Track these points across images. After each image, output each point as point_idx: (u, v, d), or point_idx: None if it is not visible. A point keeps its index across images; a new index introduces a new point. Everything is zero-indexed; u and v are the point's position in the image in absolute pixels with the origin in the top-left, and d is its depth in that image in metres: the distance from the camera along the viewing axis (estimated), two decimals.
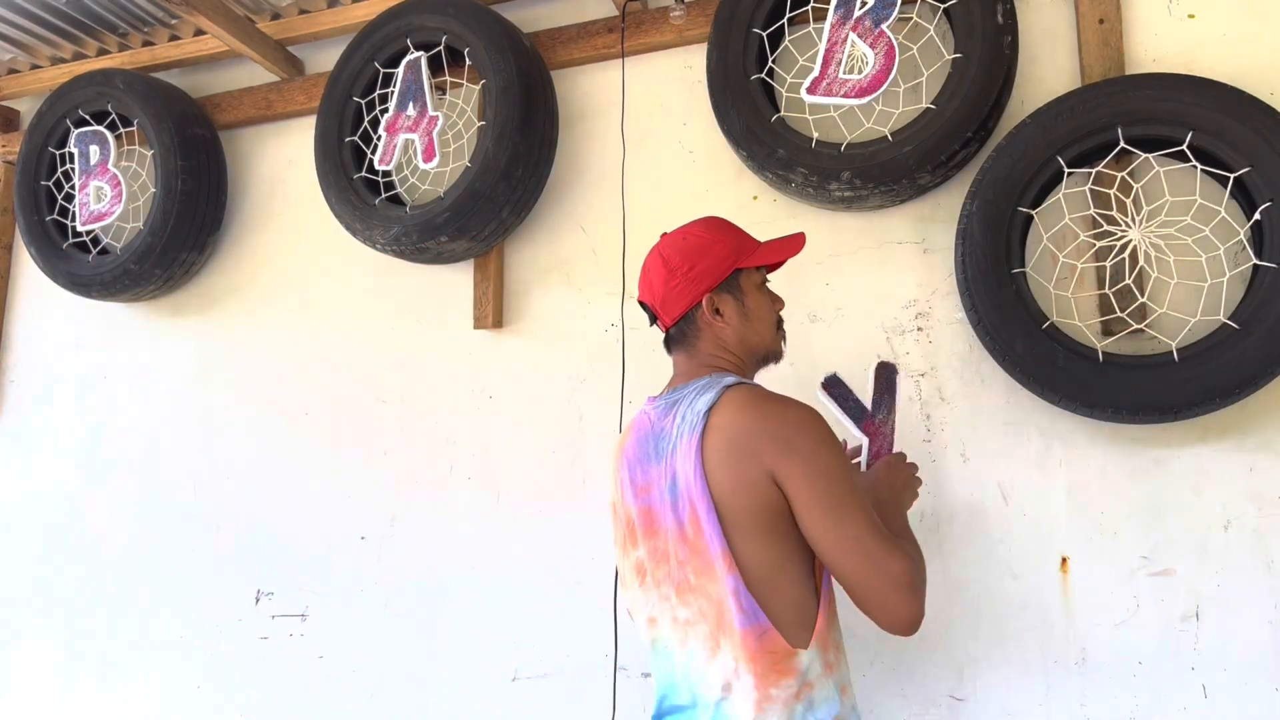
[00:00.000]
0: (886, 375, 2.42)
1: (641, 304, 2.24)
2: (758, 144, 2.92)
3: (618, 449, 2.18)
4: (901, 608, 1.79)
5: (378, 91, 3.47)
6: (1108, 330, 2.60)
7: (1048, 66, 2.88)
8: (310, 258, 3.70)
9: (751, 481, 1.88)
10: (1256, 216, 2.44)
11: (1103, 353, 2.48)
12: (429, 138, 3.34)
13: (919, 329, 2.87)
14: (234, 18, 3.56)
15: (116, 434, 3.88)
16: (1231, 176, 2.47)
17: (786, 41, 3.09)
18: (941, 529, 2.76)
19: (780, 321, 2.22)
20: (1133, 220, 2.61)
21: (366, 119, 3.47)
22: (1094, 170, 2.63)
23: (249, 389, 3.70)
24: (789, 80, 3.05)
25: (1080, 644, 2.60)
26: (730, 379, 2.02)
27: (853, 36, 2.85)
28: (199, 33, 3.89)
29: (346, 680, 3.34)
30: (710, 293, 2.11)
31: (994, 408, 2.77)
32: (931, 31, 2.90)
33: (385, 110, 3.44)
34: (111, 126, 3.86)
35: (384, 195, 3.39)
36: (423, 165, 3.34)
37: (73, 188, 3.90)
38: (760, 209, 3.11)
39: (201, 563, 3.63)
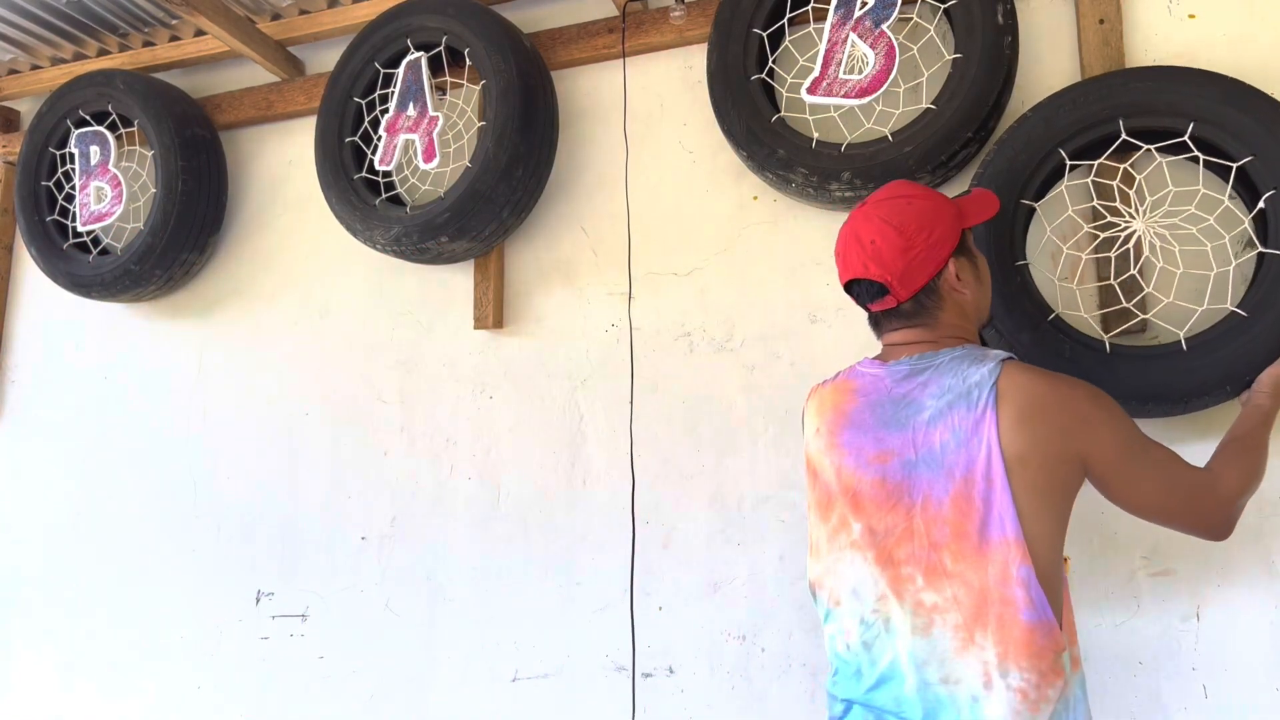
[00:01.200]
0: None
1: (855, 282, 2.07)
2: (758, 144, 2.92)
3: (828, 407, 2.06)
4: (1222, 521, 1.97)
5: (378, 92, 3.47)
6: (1111, 322, 2.59)
7: (1048, 66, 2.88)
8: (310, 258, 3.70)
9: (1052, 456, 1.81)
10: (1261, 205, 2.42)
11: (1110, 344, 2.45)
12: (429, 138, 3.34)
13: None
14: (234, 18, 3.56)
15: (117, 435, 3.88)
16: (1234, 166, 2.43)
17: (787, 42, 3.09)
18: None
19: None
20: (1136, 211, 2.60)
21: (367, 119, 3.47)
22: (1096, 163, 2.61)
23: (249, 389, 3.70)
24: (789, 80, 3.05)
25: (1081, 644, 2.57)
26: (997, 352, 1.93)
27: (853, 37, 2.85)
28: (199, 33, 3.89)
29: (347, 681, 3.34)
30: (952, 258, 2.01)
31: None
32: (932, 32, 2.90)
33: (385, 110, 3.44)
34: (112, 127, 3.86)
35: (384, 196, 3.39)
36: (423, 165, 3.34)
37: (73, 188, 3.90)
38: (761, 209, 3.11)
39: (202, 563, 3.63)
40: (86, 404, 3.96)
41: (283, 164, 3.84)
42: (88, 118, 3.88)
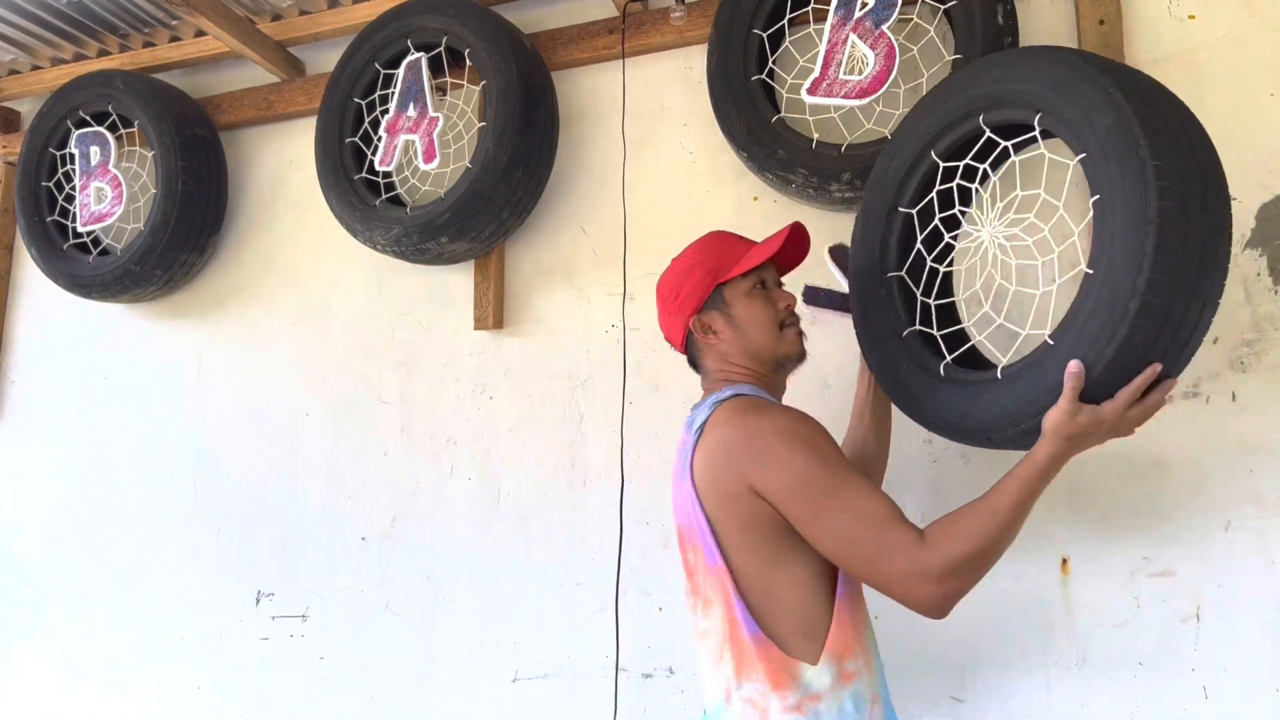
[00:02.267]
0: (842, 254, 2.49)
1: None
2: (758, 145, 2.92)
3: None
4: (922, 595, 1.77)
5: (378, 92, 3.48)
6: (954, 344, 2.23)
7: None
8: (311, 259, 3.70)
9: (734, 494, 1.92)
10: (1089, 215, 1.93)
11: (944, 368, 2.12)
12: (429, 138, 3.34)
13: None
14: (234, 18, 3.56)
15: (117, 435, 3.88)
16: (1070, 165, 2.01)
17: (787, 42, 3.09)
18: None
19: (787, 321, 2.21)
20: (986, 218, 2.28)
21: (367, 120, 3.48)
22: (962, 164, 2.24)
23: (250, 390, 3.71)
24: (789, 81, 3.05)
25: (1081, 645, 2.60)
26: (729, 391, 2.07)
27: (853, 37, 2.85)
28: (199, 33, 3.89)
29: (347, 681, 3.34)
30: (696, 315, 2.19)
31: None
32: (932, 32, 2.90)
33: (386, 111, 3.45)
34: (112, 127, 3.87)
35: (384, 196, 3.39)
36: (423, 166, 3.34)
37: (73, 188, 3.90)
38: (761, 210, 3.12)
39: (202, 563, 3.63)
40: (86, 404, 3.97)
41: (283, 164, 3.85)
42: (88, 118, 3.88)
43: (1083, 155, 1.87)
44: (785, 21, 3.02)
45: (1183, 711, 2.50)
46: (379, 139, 3.43)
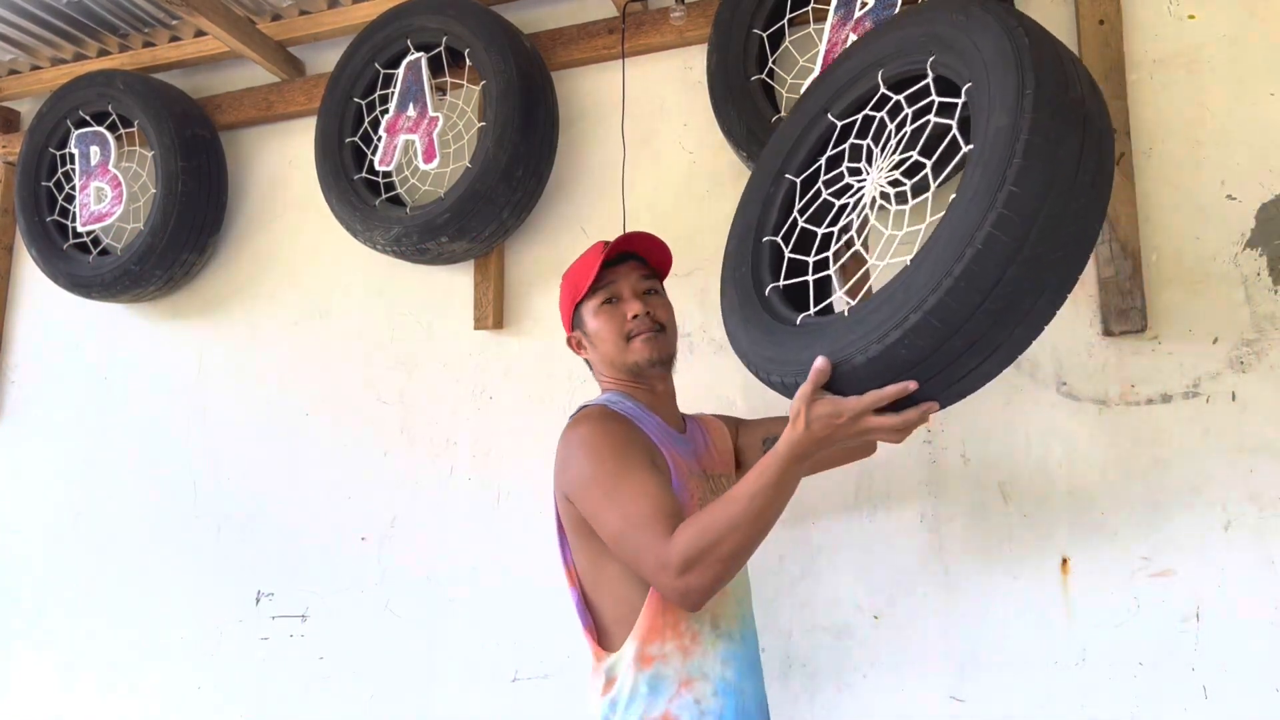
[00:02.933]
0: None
1: None
2: (758, 145, 2.92)
3: None
4: (668, 589, 1.88)
5: (378, 92, 3.49)
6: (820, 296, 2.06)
7: None
8: (310, 259, 3.71)
9: (561, 498, 2.16)
10: (965, 149, 1.78)
11: (801, 319, 1.93)
12: (429, 138, 3.35)
13: None
14: (234, 18, 3.57)
15: (117, 435, 3.89)
16: (958, 105, 1.84)
17: (787, 42, 3.10)
18: (942, 530, 2.78)
19: (634, 332, 2.28)
20: (869, 168, 2.08)
21: (367, 120, 3.49)
22: (859, 117, 2.12)
23: (249, 390, 3.71)
24: (789, 81, 3.06)
25: (1080, 645, 2.61)
26: (593, 400, 2.29)
27: (853, 37, 2.85)
28: (199, 33, 3.90)
29: (347, 681, 3.35)
30: (570, 335, 2.42)
31: (995, 408, 2.78)
32: None
33: (385, 111, 3.46)
34: (112, 127, 3.87)
35: (384, 196, 3.40)
36: (423, 166, 3.35)
37: (73, 188, 3.91)
38: None
39: (202, 563, 3.64)
40: (86, 404, 3.97)
41: (283, 164, 3.85)
42: (88, 118, 3.89)
43: (969, 84, 1.76)
44: (785, 21, 3.03)
45: (1183, 711, 2.50)
46: (379, 139, 3.44)
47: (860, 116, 2.12)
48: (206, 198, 3.74)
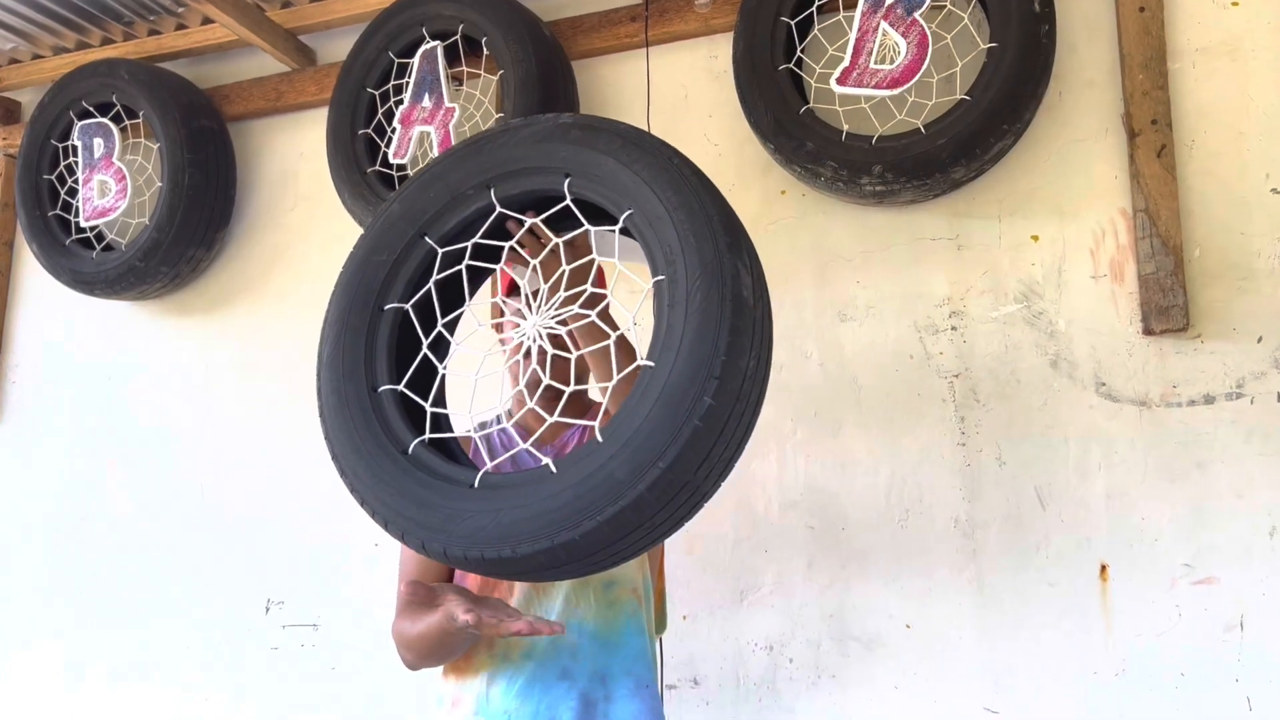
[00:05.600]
0: None
1: None
2: (785, 136, 2.99)
3: None
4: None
5: (392, 82, 3.55)
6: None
7: (1086, 56, 2.95)
8: (322, 254, 3.76)
9: None
10: (647, 287, 1.73)
11: (480, 480, 1.76)
12: (445, 130, 3.42)
13: (953, 328, 2.96)
14: (243, 6, 3.63)
15: (121, 438, 3.95)
16: (616, 230, 1.84)
17: (815, 30, 3.15)
18: (977, 535, 2.84)
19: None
20: (529, 309, 1.96)
21: (380, 111, 3.56)
22: (470, 243, 1.95)
23: (259, 390, 3.78)
24: (818, 70, 3.11)
25: (1120, 655, 2.67)
26: None
27: (884, 25, 2.92)
28: (206, 21, 3.95)
29: (359, 693, 3.41)
30: None
31: (1031, 409, 2.85)
32: (966, 20, 2.97)
33: (400, 102, 3.53)
34: (116, 118, 3.94)
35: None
36: None
37: (76, 182, 3.97)
38: (789, 204, 3.20)
39: (209, 570, 3.70)
40: (89, 406, 4.04)
41: (293, 157, 3.93)
42: (91, 109, 3.95)
43: (629, 211, 1.75)
44: (814, 9, 3.08)
45: None
46: (393, 131, 3.51)
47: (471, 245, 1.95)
48: (214, 192, 3.81)
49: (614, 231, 1.84)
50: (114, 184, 3.90)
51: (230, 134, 3.95)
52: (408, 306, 1.96)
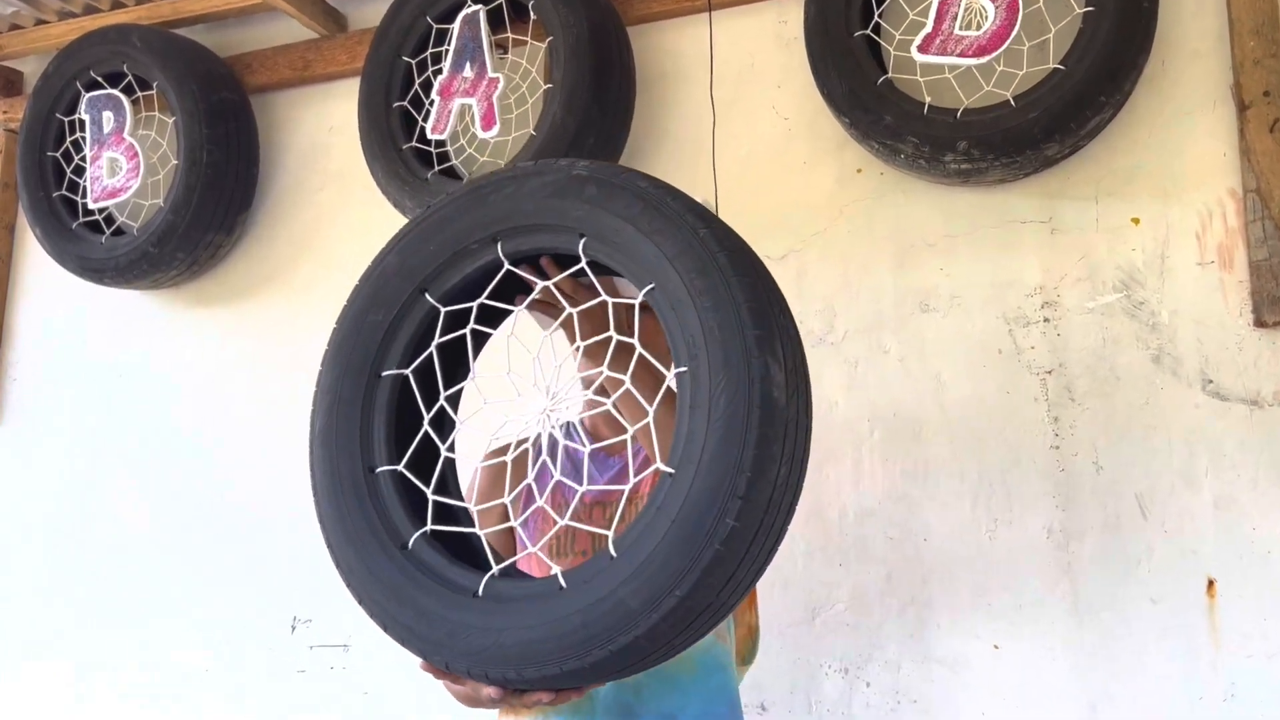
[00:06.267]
0: None
1: None
2: (862, 110, 3.14)
3: None
4: None
5: (430, 50, 3.70)
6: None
7: (1190, 24, 3.09)
8: (353, 239, 3.87)
9: None
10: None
11: (484, 588, 1.80)
12: (488, 102, 3.56)
13: (1045, 320, 3.09)
14: None
15: (132, 441, 4.11)
16: (636, 303, 1.83)
17: None
18: (1071, 547, 2.98)
19: None
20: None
21: (417, 81, 3.70)
22: (476, 304, 1.97)
23: (283, 389, 3.92)
24: (897, 37, 3.24)
25: (1229, 677, 2.80)
26: None
27: None
28: None
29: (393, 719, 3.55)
30: None
31: (1131, 409, 2.99)
32: None
33: (439, 71, 3.67)
34: (128, 90, 4.12)
35: (437, 168, 3.61)
36: (481, 134, 3.56)
37: (83, 159, 4.14)
38: (865, 183, 3.36)
39: (229, 585, 3.86)
40: (97, 405, 4.21)
41: (322, 132, 4.09)
42: (100, 79, 4.13)
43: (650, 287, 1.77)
44: None
45: None
46: (431, 103, 3.66)
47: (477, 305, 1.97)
48: (235, 170, 3.97)
49: (634, 305, 1.80)
50: (125, 162, 4.06)
51: (253, 107, 4.09)
52: (408, 372, 1.97)
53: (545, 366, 1.92)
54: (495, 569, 1.79)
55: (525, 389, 1.93)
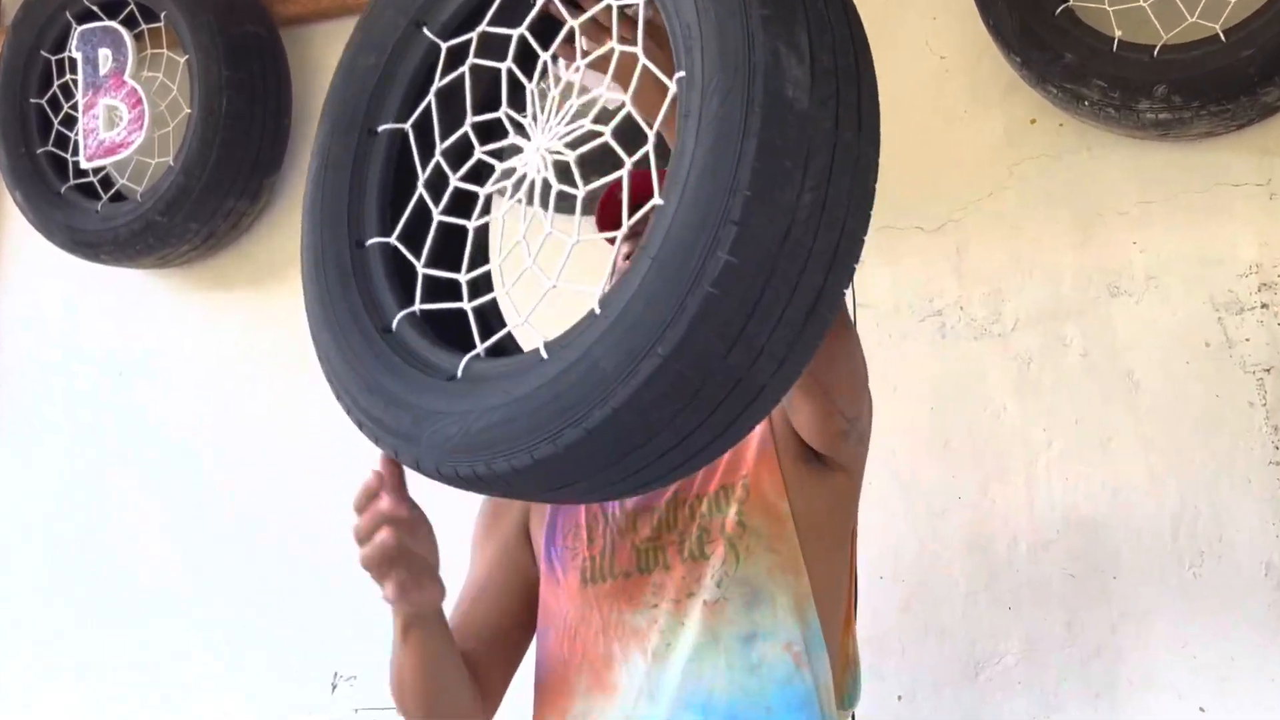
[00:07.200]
0: None
1: None
2: (1036, 46, 3.20)
3: None
4: None
5: None
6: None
7: None
8: None
9: None
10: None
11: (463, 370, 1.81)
12: None
13: (1263, 305, 3.13)
14: None
15: (137, 444, 4.25)
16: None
17: None
18: None
19: None
20: (533, 126, 1.89)
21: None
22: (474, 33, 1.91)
23: (316, 387, 3.72)
24: None
25: None
26: None
27: None
28: None
29: None
30: None
31: None
32: None
33: None
34: (130, 21, 4.21)
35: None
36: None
37: (75, 108, 4.25)
38: (1040, 136, 3.42)
39: (257, 633, 3.99)
40: (94, 407, 4.35)
41: None
42: (95, 9, 4.21)
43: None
44: None
45: None
46: None
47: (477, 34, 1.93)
48: (261, 122, 4.07)
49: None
50: (126, 111, 4.17)
51: (284, 43, 4.20)
52: (407, 127, 1.98)
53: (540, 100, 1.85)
54: (479, 347, 1.77)
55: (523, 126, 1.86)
